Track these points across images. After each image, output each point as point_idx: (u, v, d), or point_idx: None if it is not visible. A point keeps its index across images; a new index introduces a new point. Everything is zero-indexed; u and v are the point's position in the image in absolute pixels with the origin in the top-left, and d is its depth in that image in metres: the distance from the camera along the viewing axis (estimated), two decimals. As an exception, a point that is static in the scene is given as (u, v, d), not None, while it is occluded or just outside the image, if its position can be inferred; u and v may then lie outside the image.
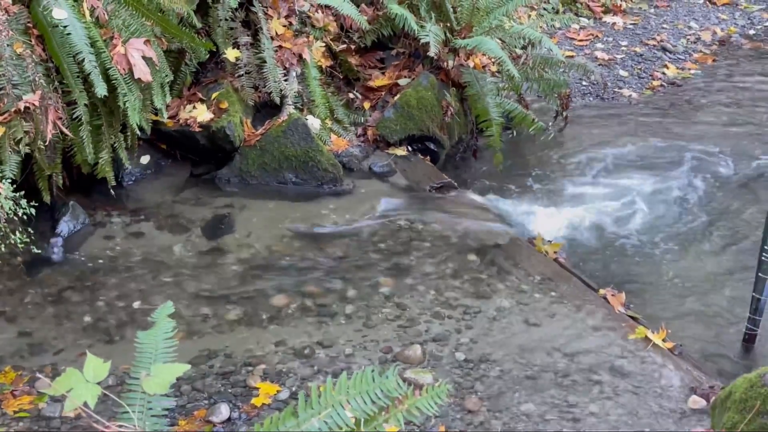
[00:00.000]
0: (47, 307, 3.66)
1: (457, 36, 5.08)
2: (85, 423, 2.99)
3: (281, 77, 4.68)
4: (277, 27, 4.77)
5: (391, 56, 5.29)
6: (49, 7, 3.81)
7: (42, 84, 3.80)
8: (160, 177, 4.64)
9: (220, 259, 4.02)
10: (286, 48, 4.75)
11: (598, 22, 7.76)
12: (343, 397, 1.37)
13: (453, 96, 5.11)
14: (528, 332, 3.55)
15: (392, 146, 4.92)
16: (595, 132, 5.89)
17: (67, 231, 4.12)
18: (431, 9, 5.08)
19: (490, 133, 5.00)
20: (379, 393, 1.38)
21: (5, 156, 3.76)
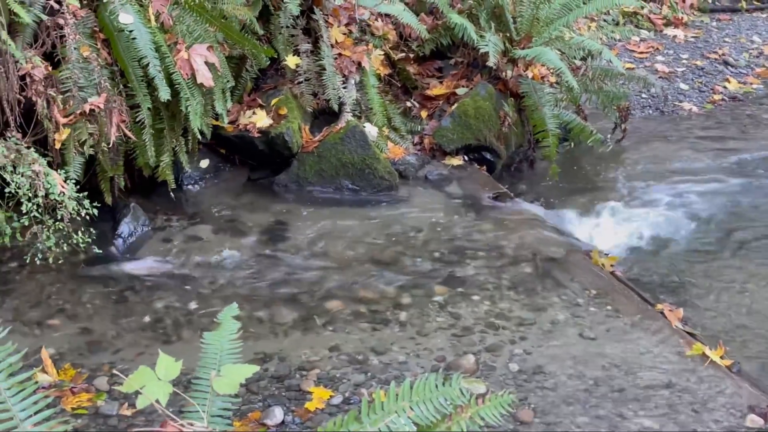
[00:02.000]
0: (107, 307, 3.72)
1: (517, 46, 5.07)
2: (141, 421, 3.03)
3: (340, 85, 4.72)
4: (337, 35, 4.81)
5: (449, 65, 5.30)
6: (115, 11, 3.88)
7: (107, 87, 3.88)
8: (218, 181, 4.70)
9: (275, 264, 4.05)
10: (345, 56, 4.79)
11: (659, 35, 7.68)
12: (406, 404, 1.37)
13: (511, 106, 5.10)
14: (583, 345, 3.52)
15: (448, 155, 4.92)
16: (654, 145, 5.83)
17: (128, 232, 4.18)
18: (491, 19, 5.08)
19: (546, 144, 4.98)
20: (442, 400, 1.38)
21: (70, 157, 3.84)
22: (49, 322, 3.58)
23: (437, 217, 4.46)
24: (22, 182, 3.61)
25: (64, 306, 3.71)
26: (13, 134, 3.70)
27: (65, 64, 3.81)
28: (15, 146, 3.67)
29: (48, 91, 3.74)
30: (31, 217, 3.68)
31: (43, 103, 3.73)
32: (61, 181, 3.71)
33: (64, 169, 3.80)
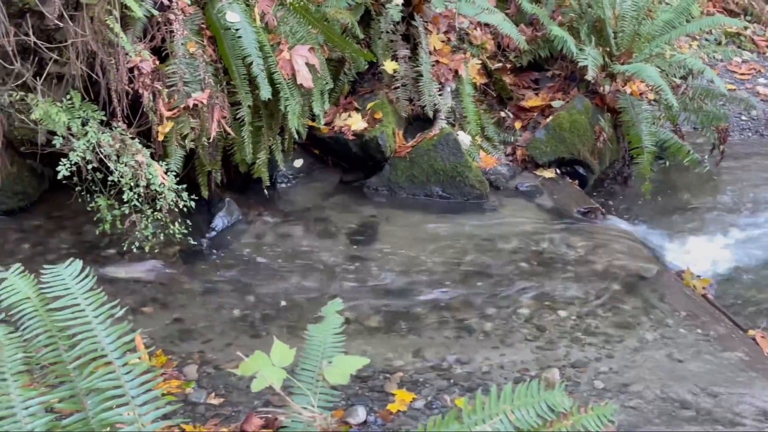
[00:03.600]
0: (198, 298, 3.81)
1: (616, 61, 5.02)
2: (227, 411, 3.10)
3: (436, 92, 4.74)
4: (436, 42, 4.83)
5: (546, 78, 5.27)
6: (223, 10, 3.98)
7: (210, 83, 3.97)
8: (311, 181, 4.76)
9: (363, 266, 4.09)
10: (443, 63, 4.81)
11: (762, 57, 7.50)
12: (508, 407, 1.38)
13: (606, 121, 5.05)
14: (670, 367, 3.46)
15: (540, 167, 4.90)
16: (752, 168, 5.69)
17: (222, 226, 4.27)
18: (591, 33, 5.04)
19: (641, 161, 4.91)
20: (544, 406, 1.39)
21: (171, 150, 3.95)
22: (142, 309, 3.68)
23: (526, 229, 4.44)
24: (125, 171, 3.72)
25: (157, 295, 3.81)
26: (119, 124, 3.81)
27: (172, 58, 3.91)
28: (120, 136, 3.79)
29: (154, 85, 3.84)
30: (131, 206, 3.79)
31: (150, 95, 3.84)
32: (162, 172, 3.82)
33: (165, 161, 3.91)
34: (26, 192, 4.27)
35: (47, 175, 4.26)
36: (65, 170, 3.65)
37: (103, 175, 3.77)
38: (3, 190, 4.16)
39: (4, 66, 3.64)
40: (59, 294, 1.69)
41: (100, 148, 3.72)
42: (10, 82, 3.70)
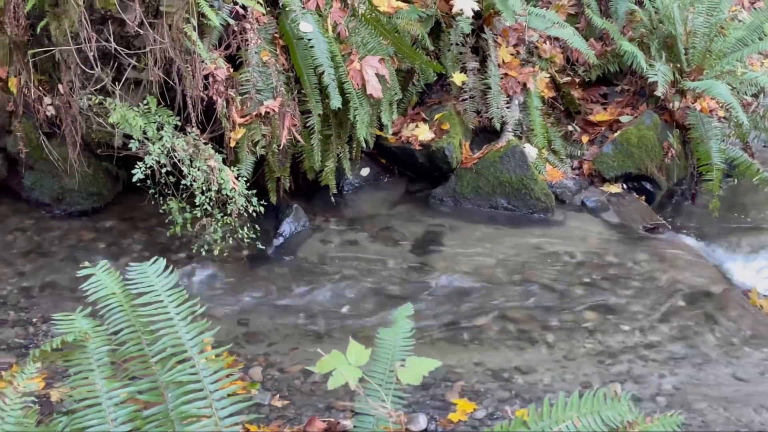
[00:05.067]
0: (263, 302, 3.88)
1: (686, 78, 4.99)
2: (291, 413, 3.15)
3: (504, 104, 4.76)
4: (505, 55, 4.85)
5: (614, 92, 5.26)
6: (296, 20, 4.06)
7: (282, 92, 4.05)
8: (377, 190, 4.81)
9: (426, 276, 4.12)
10: (511, 76, 4.83)
11: (836, 75, 7.35)
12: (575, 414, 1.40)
13: (675, 137, 5.01)
14: (735, 386, 3.42)
15: (607, 182, 4.88)
16: (823, 190, 5.59)
17: (289, 232, 4.35)
18: (662, 48, 5.01)
19: (709, 178, 4.87)
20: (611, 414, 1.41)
21: (243, 156, 4.03)
22: (211, 312, 3.76)
23: (591, 243, 4.43)
24: (198, 176, 3.81)
25: (224, 297, 3.89)
26: (193, 130, 3.91)
27: (246, 67, 4.00)
28: (194, 141, 3.89)
29: (228, 92, 3.93)
30: (203, 210, 3.88)
31: (223, 102, 3.93)
32: (233, 177, 3.90)
33: (236, 167, 3.99)
34: (101, 193, 4.40)
35: (121, 178, 4.39)
36: (140, 173, 3.76)
37: (175, 178, 3.86)
38: (79, 191, 4.29)
39: (84, 70, 3.76)
40: (143, 290, 1.76)
41: (174, 153, 3.82)
42: (89, 86, 3.82)
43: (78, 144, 4.02)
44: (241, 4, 3.97)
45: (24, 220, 4.31)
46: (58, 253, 4.10)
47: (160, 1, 3.61)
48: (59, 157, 4.16)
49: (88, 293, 1.81)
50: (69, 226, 4.30)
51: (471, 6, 4.54)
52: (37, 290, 3.83)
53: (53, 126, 4.10)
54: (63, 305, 3.73)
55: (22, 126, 4.15)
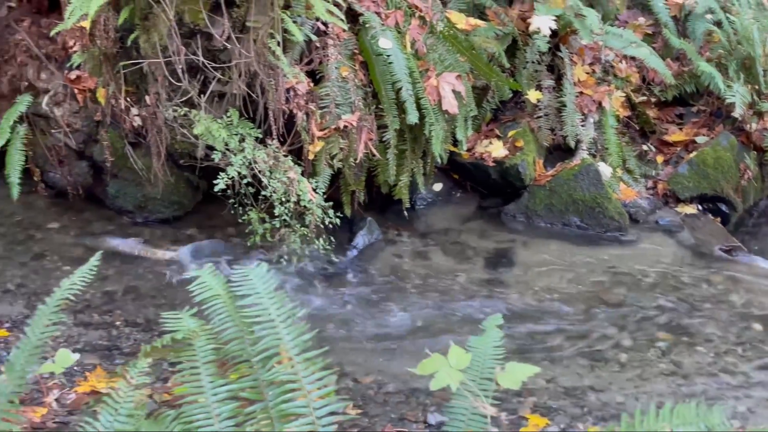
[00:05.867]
0: (335, 313, 3.93)
1: (765, 99, 4.94)
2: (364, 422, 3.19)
3: (579, 122, 4.78)
4: (580, 73, 4.87)
5: (690, 113, 5.23)
6: (376, 36, 4.13)
7: (360, 106, 4.12)
8: (449, 205, 4.85)
9: (499, 290, 4.14)
10: (586, 95, 4.84)
11: None
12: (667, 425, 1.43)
13: (752, 159, 4.97)
14: (814, 413, 3.38)
15: (681, 203, 4.85)
16: None
17: (362, 244, 4.40)
18: (740, 70, 4.98)
19: (787, 201, 4.82)
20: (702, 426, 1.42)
21: (320, 168, 4.11)
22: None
23: (665, 263, 4.41)
24: (278, 187, 3.90)
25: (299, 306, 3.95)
26: (273, 142, 4.00)
27: (326, 81, 4.08)
28: (274, 153, 3.98)
29: (308, 105, 4.02)
30: (281, 221, 3.96)
31: (303, 116, 4.02)
32: (311, 189, 3.98)
33: (314, 179, 4.07)
34: (182, 202, 4.51)
35: (201, 188, 4.49)
36: (223, 183, 3.85)
37: (254, 189, 3.96)
38: (161, 199, 4.41)
39: (171, 83, 3.88)
40: (246, 293, 1.84)
41: (255, 164, 3.91)
42: (176, 98, 3.94)
43: (162, 154, 4.14)
44: (323, 21, 4.06)
45: (107, 227, 4.44)
46: (140, 260, 4.21)
47: (247, 17, 3.71)
48: (143, 167, 4.28)
49: (195, 294, 1.89)
50: (150, 234, 4.42)
51: (548, 24, 4.57)
52: (120, 294, 3.94)
53: (138, 136, 4.22)
54: (145, 310, 3.85)
55: (108, 135, 4.28)
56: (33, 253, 4.23)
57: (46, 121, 4.39)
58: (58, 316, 1.83)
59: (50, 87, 4.34)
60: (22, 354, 1.74)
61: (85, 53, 4.02)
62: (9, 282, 3.99)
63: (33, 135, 4.37)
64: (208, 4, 3.62)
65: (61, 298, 1.84)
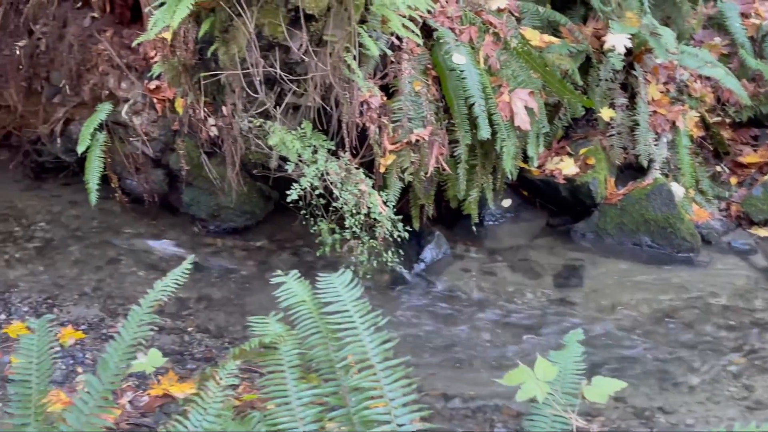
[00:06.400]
0: (402, 326, 3.95)
1: (843, 121, 4.86)
2: None
3: (651, 141, 4.73)
4: (654, 92, 4.82)
5: (765, 134, 5.16)
6: (449, 51, 4.16)
7: (432, 121, 4.15)
8: (518, 221, 4.84)
9: (567, 308, 4.12)
10: (660, 114, 4.79)
11: None
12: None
13: (828, 183, 4.87)
14: None
15: (756, 225, 4.77)
16: None
17: (430, 258, 4.42)
18: (818, 91, 4.91)
19: None
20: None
21: (391, 182, 4.14)
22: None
23: (738, 286, 4.33)
24: (349, 199, 3.94)
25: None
26: (345, 154, 4.04)
27: (399, 95, 4.12)
28: (346, 165, 4.02)
29: (381, 119, 4.06)
30: (351, 232, 4.00)
31: (376, 129, 4.06)
32: (382, 202, 4.01)
33: (384, 192, 4.10)
34: (253, 212, 4.58)
35: (273, 198, 4.56)
36: (295, 194, 3.90)
37: (325, 201, 4.00)
38: (234, 208, 4.49)
39: (248, 94, 3.95)
40: (331, 300, 1.87)
41: (327, 176, 3.96)
42: (252, 110, 4.01)
43: (236, 164, 4.21)
44: (398, 35, 4.10)
45: (181, 235, 4.54)
46: (212, 268, 4.29)
47: (324, 31, 3.77)
48: (217, 176, 4.37)
49: (281, 299, 1.93)
50: (222, 243, 4.50)
51: (623, 42, 4.54)
52: (193, 302, 4.01)
53: (214, 146, 4.31)
54: (216, 317, 3.92)
55: (184, 144, 4.37)
56: (109, 257, 4.34)
57: (125, 130, 4.50)
58: (150, 317, 1.88)
59: (130, 96, 4.45)
60: (115, 353, 1.80)
61: (165, 64, 4.12)
62: (86, 285, 4.10)
63: (112, 143, 4.49)
64: (288, 17, 3.68)
65: (154, 300, 1.89)
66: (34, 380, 1.78)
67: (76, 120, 4.69)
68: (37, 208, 4.77)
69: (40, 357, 1.83)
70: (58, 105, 4.72)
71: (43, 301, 3.95)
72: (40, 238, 4.49)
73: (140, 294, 3.95)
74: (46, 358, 1.85)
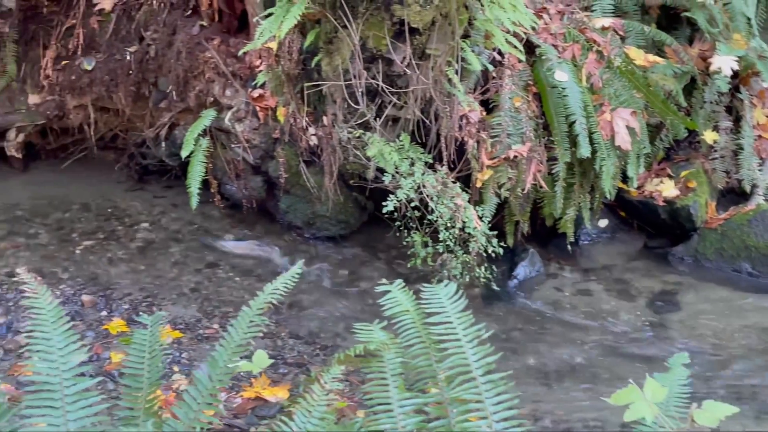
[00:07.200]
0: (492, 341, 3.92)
1: None
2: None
3: (756, 166, 4.62)
4: (760, 116, 4.71)
5: None
6: (552, 68, 4.14)
7: (531, 137, 4.13)
8: (613, 242, 4.78)
9: (663, 333, 4.04)
10: (765, 138, 4.68)
11: None
12: None
13: None
14: None
15: None
16: None
17: (523, 275, 4.39)
18: None
19: None
20: None
21: (487, 197, 4.14)
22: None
23: None
24: (444, 212, 3.95)
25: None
26: (442, 168, 4.06)
27: (498, 111, 4.13)
28: (442, 179, 4.03)
29: (480, 134, 4.06)
30: (445, 246, 4.01)
31: (474, 143, 4.07)
32: (477, 217, 4.01)
33: (480, 207, 4.10)
34: (348, 221, 4.63)
35: (369, 209, 4.60)
36: (392, 205, 3.93)
37: (420, 213, 4.02)
38: (329, 217, 4.54)
39: (349, 105, 4.00)
40: (435, 310, 1.88)
41: (423, 188, 3.97)
42: (352, 120, 4.06)
43: (334, 173, 4.27)
44: (499, 51, 4.11)
45: (277, 241, 4.61)
46: (306, 275, 4.34)
47: (427, 45, 3.79)
48: (315, 185, 4.43)
49: (385, 308, 1.95)
50: (316, 251, 4.56)
51: (730, 65, 4.46)
52: (286, 308, 4.07)
53: (313, 155, 4.37)
54: (308, 323, 3.97)
55: (284, 153, 4.45)
56: (207, 261, 4.44)
57: (227, 136, 4.60)
58: (260, 318, 1.93)
59: (234, 103, 4.55)
60: (225, 352, 1.84)
61: (270, 73, 4.21)
62: (184, 286, 4.20)
63: (214, 148, 4.59)
64: (392, 30, 3.72)
65: (264, 302, 1.93)
66: (145, 375, 1.84)
67: (180, 125, 4.83)
68: (140, 209, 4.92)
69: (152, 353, 1.89)
70: (165, 110, 4.86)
71: (143, 299, 4.06)
72: (141, 238, 4.62)
73: (236, 298, 4.10)
74: (158, 354, 1.91)
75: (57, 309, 1.87)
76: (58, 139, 5.30)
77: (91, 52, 4.91)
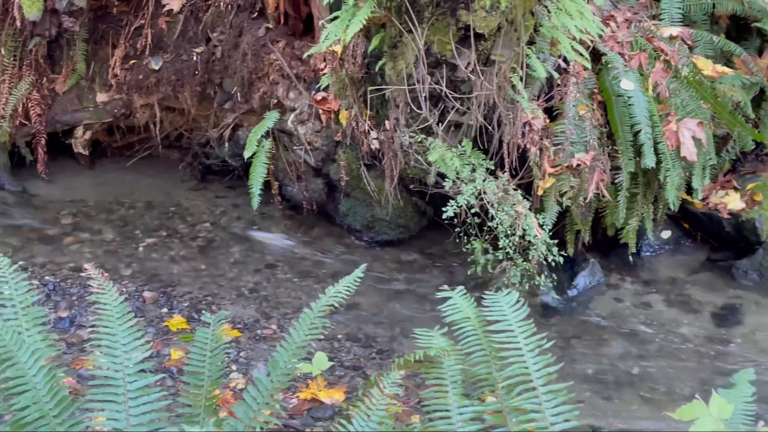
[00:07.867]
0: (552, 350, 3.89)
1: None
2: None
3: (826, 181, 4.52)
4: (831, 129, 4.60)
5: None
6: (618, 77, 4.10)
7: (594, 146, 4.08)
8: (676, 254, 4.71)
9: (725, 348, 3.97)
10: (835, 152, 4.57)
11: None
12: None
13: None
14: None
15: None
16: None
17: (583, 285, 4.34)
18: None
19: None
20: None
21: (548, 205, 4.10)
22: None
23: None
24: (504, 219, 3.92)
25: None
26: (504, 175, 4.04)
27: (562, 119, 4.08)
28: (503, 186, 4.01)
29: (543, 141, 4.03)
30: (505, 253, 3.98)
31: (536, 151, 4.03)
32: (537, 225, 3.97)
33: (541, 215, 4.06)
34: (407, 226, 4.63)
35: (428, 214, 4.60)
36: (452, 211, 3.92)
37: (480, 220, 4.00)
38: (388, 221, 4.55)
39: (412, 110, 4.00)
40: (496, 318, 1.87)
41: (484, 195, 3.95)
42: (414, 125, 4.06)
43: (394, 178, 4.27)
44: (564, 58, 4.07)
45: (336, 244, 4.63)
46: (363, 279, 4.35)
47: (492, 50, 3.77)
48: (375, 188, 4.43)
49: (446, 315, 1.94)
50: (374, 255, 4.57)
51: (801, 76, 4.36)
52: (344, 310, 4.07)
53: (374, 159, 4.38)
54: (365, 327, 3.98)
55: (345, 156, 4.46)
56: (266, 262, 4.48)
57: (290, 138, 4.64)
58: (321, 320, 1.94)
59: (297, 106, 4.58)
60: (286, 352, 1.85)
61: (333, 76, 4.23)
62: (243, 287, 4.24)
63: (276, 150, 4.62)
64: (457, 36, 3.71)
65: (326, 304, 1.94)
66: (206, 373, 1.86)
67: (244, 126, 4.87)
68: (202, 208, 4.97)
69: (213, 351, 1.91)
70: (229, 111, 4.91)
71: (203, 298, 4.11)
72: (203, 237, 4.68)
73: (294, 299, 4.12)
74: (220, 353, 1.93)
75: (122, 305, 1.90)
76: (124, 138, 5.39)
77: (159, 52, 4.98)
